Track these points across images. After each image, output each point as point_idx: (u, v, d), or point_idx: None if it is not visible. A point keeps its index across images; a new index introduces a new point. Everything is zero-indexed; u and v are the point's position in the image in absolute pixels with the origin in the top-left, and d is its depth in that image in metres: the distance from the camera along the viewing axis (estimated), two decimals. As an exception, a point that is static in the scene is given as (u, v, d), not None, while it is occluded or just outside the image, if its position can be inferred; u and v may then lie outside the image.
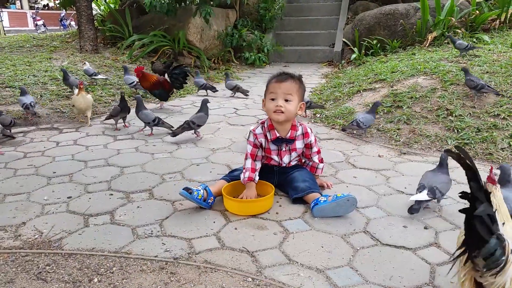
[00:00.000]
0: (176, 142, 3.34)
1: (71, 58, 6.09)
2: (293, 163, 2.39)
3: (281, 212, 2.12)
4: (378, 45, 6.61)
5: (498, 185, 1.33)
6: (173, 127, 3.45)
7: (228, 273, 1.61)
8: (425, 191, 2.00)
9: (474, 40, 5.66)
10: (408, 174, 2.62)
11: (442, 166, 2.15)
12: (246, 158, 2.27)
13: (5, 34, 15.18)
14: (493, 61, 4.32)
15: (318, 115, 4.11)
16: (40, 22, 21.51)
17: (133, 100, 3.75)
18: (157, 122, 3.45)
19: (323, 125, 3.80)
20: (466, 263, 1.19)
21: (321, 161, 2.42)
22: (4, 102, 4.26)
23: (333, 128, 3.70)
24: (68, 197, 2.30)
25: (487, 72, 4.00)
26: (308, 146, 2.36)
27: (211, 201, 2.16)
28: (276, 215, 2.09)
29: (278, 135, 2.24)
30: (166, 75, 4.52)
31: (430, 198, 1.99)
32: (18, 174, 2.67)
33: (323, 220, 2.02)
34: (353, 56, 6.86)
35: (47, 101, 4.39)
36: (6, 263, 1.68)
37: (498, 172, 1.87)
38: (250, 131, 2.30)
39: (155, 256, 1.72)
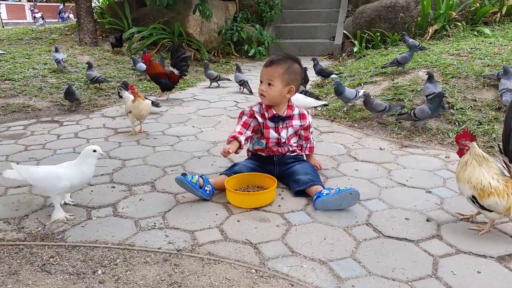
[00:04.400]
0: (177, 135, 3.34)
1: (70, 51, 6.06)
2: (292, 141, 2.41)
3: (284, 204, 2.13)
4: (379, 38, 6.58)
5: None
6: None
7: (232, 264, 1.62)
8: None
9: (475, 33, 5.65)
10: (409, 167, 2.62)
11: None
12: (237, 124, 2.33)
13: (3, 27, 15.11)
14: (494, 54, 4.31)
15: (319, 108, 4.10)
16: (38, 15, 21.39)
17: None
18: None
19: (324, 118, 3.80)
20: None
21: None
22: (4, 95, 4.24)
23: (333, 121, 3.70)
24: (70, 190, 2.30)
25: (488, 65, 4.00)
26: (307, 128, 2.44)
27: (208, 189, 2.16)
28: (279, 207, 2.09)
29: (275, 112, 2.32)
30: (171, 68, 4.53)
31: None
32: (19, 166, 2.66)
33: (325, 212, 2.03)
34: (354, 49, 6.83)
35: (47, 94, 4.37)
36: (10, 255, 1.68)
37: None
38: (247, 107, 2.39)
39: (159, 248, 1.73)
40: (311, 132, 2.50)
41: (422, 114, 3.07)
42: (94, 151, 1.95)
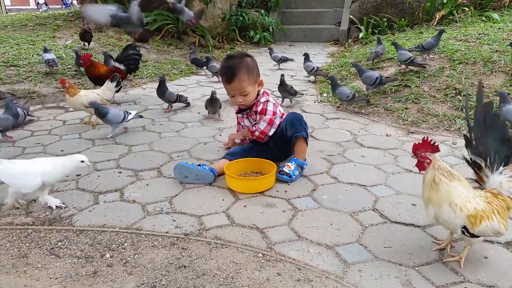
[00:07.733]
0: (182, 121, 3.33)
1: (74, 37, 6.03)
2: (261, 126, 2.37)
3: (290, 190, 2.13)
4: (386, 24, 6.50)
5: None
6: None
7: (239, 248, 1.63)
8: None
9: (483, 18, 5.56)
10: (416, 153, 2.61)
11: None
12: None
13: (6, 13, 15.05)
14: (502, 39, 4.25)
15: (325, 94, 4.07)
16: (41, 1, 21.28)
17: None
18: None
19: (330, 105, 3.77)
20: None
21: (258, 127, 2.37)
22: (9, 81, 4.24)
23: (339, 108, 3.67)
24: (77, 175, 2.31)
25: (496, 51, 3.94)
26: (262, 112, 2.37)
27: (207, 167, 2.21)
28: (285, 193, 2.10)
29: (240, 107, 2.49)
30: (116, 63, 4.01)
31: None
32: (26, 152, 2.68)
33: (331, 198, 2.03)
34: (360, 35, 6.76)
35: (52, 80, 4.37)
36: (19, 239, 1.70)
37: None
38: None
39: (166, 232, 1.74)
40: (267, 115, 2.35)
41: None
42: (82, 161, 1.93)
